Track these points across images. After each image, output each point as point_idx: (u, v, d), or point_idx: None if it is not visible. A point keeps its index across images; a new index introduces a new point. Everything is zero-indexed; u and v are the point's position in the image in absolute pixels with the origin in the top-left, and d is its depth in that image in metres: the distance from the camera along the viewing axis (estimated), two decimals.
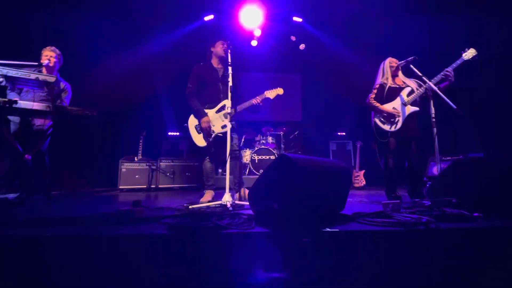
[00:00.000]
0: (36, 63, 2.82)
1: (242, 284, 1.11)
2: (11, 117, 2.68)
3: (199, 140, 2.65)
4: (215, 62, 2.74)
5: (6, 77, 2.24)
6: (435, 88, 2.33)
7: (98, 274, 1.09)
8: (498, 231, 1.25)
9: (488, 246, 1.20)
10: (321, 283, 1.12)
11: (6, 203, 2.07)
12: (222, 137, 2.55)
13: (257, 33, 6.70)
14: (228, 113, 2.22)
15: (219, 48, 2.67)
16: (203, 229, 1.14)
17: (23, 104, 2.38)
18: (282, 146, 5.62)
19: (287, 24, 6.57)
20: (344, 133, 6.61)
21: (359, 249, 1.16)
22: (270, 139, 5.51)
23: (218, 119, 2.58)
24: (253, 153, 5.13)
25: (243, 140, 5.64)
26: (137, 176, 4.57)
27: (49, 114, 2.47)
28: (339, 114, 6.85)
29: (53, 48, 3.02)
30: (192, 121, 2.74)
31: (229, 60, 2.29)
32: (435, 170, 4.03)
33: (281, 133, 5.69)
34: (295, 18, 6.27)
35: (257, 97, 2.57)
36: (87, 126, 4.42)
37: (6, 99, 2.30)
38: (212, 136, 2.58)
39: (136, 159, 4.72)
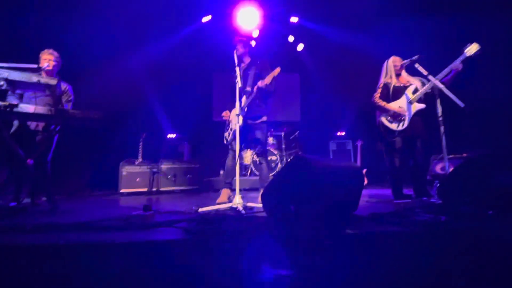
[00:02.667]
0: (35, 66, 2.77)
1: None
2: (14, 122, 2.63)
3: (226, 137, 2.74)
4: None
5: (7, 80, 2.17)
6: (441, 86, 2.33)
7: (115, 282, 1.05)
8: None
9: (509, 244, 1.20)
10: (343, 286, 1.11)
11: (8, 210, 2.01)
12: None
13: (255, 34, 6.70)
14: (236, 114, 2.19)
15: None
16: (221, 234, 1.11)
17: (25, 107, 2.32)
18: (283, 146, 5.61)
19: (285, 24, 6.59)
20: (343, 133, 6.62)
21: (380, 250, 1.15)
22: (271, 140, 5.49)
23: (235, 119, 2.56)
24: (254, 154, 5.11)
25: None
26: (138, 179, 4.51)
27: (51, 118, 2.42)
28: (338, 113, 6.87)
29: (51, 51, 2.96)
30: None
31: (235, 61, 2.26)
32: (438, 168, 4.06)
33: (282, 133, 5.69)
34: (293, 19, 6.29)
35: (255, 86, 2.50)
36: (86, 128, 4.36)
37: (7, 103, 2.25)
38: (230, 134, 2.58)
39: (136, 162, 4.66)
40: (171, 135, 6.38)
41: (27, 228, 1.29)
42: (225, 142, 2.70)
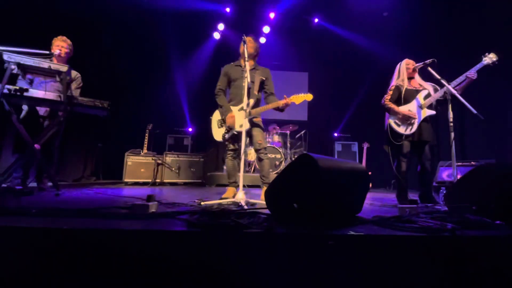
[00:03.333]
0: (47, 52, 2.79)
1: (261, 285, 1.09)
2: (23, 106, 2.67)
3: (217, 135, 2.66)
4: (242, 61, 2.72)
5: (19, 64, 2.20)
6: (455, 92, 2.28)
7: (115, 269, 1.06)
8: None
9: None
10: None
11: (16, 193, 2.04)
12: (240, 135, 2.56)
13: (266, 30, 6.66)
14: (245, 110, 2.17)
15: (241, 46, 2.65)
16: (224, 228, 1.11)
17: (35, 92, 2.36)
18: (288, 145, 5.58)
19: (296, 21, 6.52)
20: (350, 135, 6.57)
21: (383, 253, 1.13)
22: (276, 138, 5.47)
23: (239, 117, 2.54)
24: None
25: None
26: (142, 170, 4.55)
27: (60, 104, 2.45)
28: (345, 114, 6.81)
29: (64, 38, 2.99)
30: (217, 115, 2.74)
31: (246, 56, 2.24)
32: (445, 175, 4.00)
33: (288, 132, 5.66)
34: (308, 17, 6.21)
35: (281, 101, 2.47)
36: (94, 117, 4.42)
37: (18, 87, 2.28)
38: (229, 133, 2.54)
39: (141, 152, 4.70)
40: (179, 128, 6.41)
41: (32, 211, 1.31)
42: (221, 140, 2.61)
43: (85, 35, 4.78)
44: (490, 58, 2.33)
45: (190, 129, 6.32)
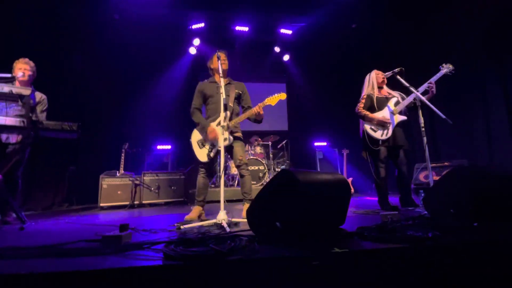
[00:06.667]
0: (9, 76, 2.62)
1: None
2: None
3: (202, 155, 2.54)
4: (217, 77, 2.68)
5: None
6: (423, 98, 2.38)
7: None
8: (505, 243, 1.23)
9: (497, 258, 1.19)
10: None
11: None
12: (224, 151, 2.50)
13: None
14: (223, 126, 2.12)
15: (214, 62, 2.63)
16: (202, 258, 1.03)
17: None
18: (271, 156, 5.57)
19: (271, 34, 6.65)
20: (329, 143, 6.69)
21: (369, 268, 1.10)
22: (258, 149, 5.45)
23: (219, 133, 2.48)
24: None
25: None
26: (119, 192, 4.32)
27: (23, 129, 2.28)
28: (325, 122, 6.95)
29: (26, 60, 2.83)
30: (195, 136, 2.64)
31: (220, 72, 2.22)
32: (422, 177, 4.14)
33: (269, 143, 5.65)
34: (283, 30, 6.34)
35: (257, 105, 2.47)
36: (64, 140, 4.18)
37: None
38: (213, 150, 2.47)
39: (118, 174, 4.48)
40: (157, 146, 6.21)
41: None
42: (207, 159, 2.49)
43: (53, 55, 4.59)
44: (447, 67, 2.50)
45: (169, 146, 6.13)
